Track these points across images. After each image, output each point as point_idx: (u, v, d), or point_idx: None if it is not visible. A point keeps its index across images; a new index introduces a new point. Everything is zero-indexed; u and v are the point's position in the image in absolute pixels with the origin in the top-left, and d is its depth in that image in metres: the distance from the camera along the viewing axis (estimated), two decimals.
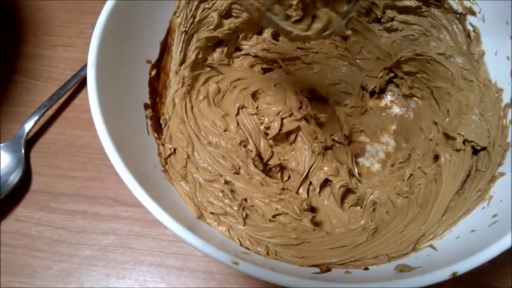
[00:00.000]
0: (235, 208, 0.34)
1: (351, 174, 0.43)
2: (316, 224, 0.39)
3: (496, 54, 0.39)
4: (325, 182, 0.42)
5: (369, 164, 0.46)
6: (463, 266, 0.26)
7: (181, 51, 0.42)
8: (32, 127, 0.48)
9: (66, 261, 0.44)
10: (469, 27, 0.40)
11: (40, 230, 0.45)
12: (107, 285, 0.43)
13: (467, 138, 0.38)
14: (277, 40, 0.48)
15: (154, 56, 0.40)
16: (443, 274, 0.26)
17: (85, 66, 0.32)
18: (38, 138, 0.50)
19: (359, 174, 0.45)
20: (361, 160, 0.46)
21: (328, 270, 0.32)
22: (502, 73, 0.38)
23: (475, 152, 0.39)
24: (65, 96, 0.51)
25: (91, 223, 0.45)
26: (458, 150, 0.39)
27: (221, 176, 0.37)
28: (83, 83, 0.51)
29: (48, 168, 0.48)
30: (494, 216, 0.32)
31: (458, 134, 0.39)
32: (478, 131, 0.38)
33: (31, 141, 0.49)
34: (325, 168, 0.41)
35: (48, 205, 0.46)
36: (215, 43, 0.44)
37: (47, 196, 0.47)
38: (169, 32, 0.41)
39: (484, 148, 0.38)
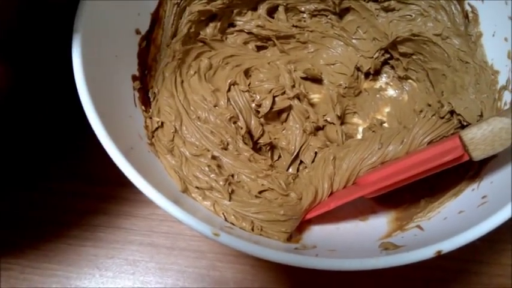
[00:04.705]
0: (221, 183, 0.34)
1: None
2: None
3: (493, 35, 0.38)
4: (314, 158, 0.41)
5: None
6: (449, 245, 0.26)
7: (172, 24, 0.41)
8: None
9: (54, 241, 0.43)
10: (467, 8, 0.39)
11: (27, 211, 0.44)
12: (96, 265, 0.42)
13: (455, 110, 0.38)
14: (272, 17, 0.46)
15: (144, 27, 0.39)
16: (427, 252, 0.26)
17: None
18: None
19: None
20: None
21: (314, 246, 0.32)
22: (499, 55, 0.37)
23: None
24: None
25: (80, 203, 0.45)
26: (442, 118, 0.39)
27: (208, 151, 0.36)
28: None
29: None
30: (484, 197, 0.31)
31: (448, 103, 0.38)
32: (469, 107, 0.37)
33: None
34: (315, 144, 0.41)
35: (36, 185, 0.45)
36: (208, 17, 0.43)
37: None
38: (161, 3, 0.39)
39: None
